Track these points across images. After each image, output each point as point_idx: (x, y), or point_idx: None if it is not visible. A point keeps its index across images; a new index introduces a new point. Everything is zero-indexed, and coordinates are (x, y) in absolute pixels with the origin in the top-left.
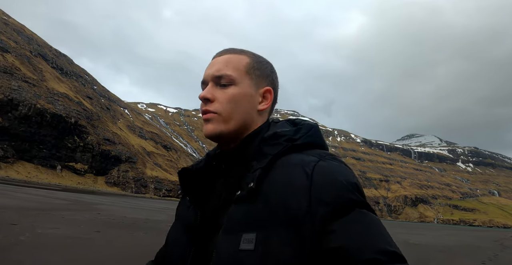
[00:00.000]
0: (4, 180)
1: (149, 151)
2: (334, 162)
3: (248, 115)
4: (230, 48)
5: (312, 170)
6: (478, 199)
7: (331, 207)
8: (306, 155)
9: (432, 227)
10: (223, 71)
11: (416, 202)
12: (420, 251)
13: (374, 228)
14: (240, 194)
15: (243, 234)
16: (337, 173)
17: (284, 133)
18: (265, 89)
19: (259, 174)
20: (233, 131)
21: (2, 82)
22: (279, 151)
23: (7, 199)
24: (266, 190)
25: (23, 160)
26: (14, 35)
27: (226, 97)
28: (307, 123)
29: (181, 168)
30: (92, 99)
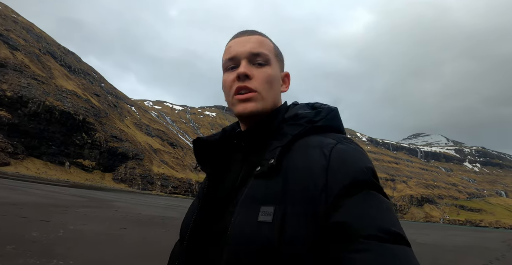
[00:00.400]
0: (15, 176)
1: (156, 148)
2: (352, 146)
3: (277, 96)
4: (254, 30)
5: (330, 151)
6: (485, 200)
7: (344, 186)
8: (325, 137)
9: (438, 227)
10: (260, 49)
11: (422, 202)
12: (429, 251)
13: (381, 209)
14: (260, 169)
15: (262, 207)
16: (353, 156)
17: (305, 115)
18: (285, 73)
19: (280, 151)
20: (268, 110)
21: (12, 79)
22: (300, 132)
23: (28, 195)
24: (286, 168)
25: (33, 156)
26: (24, 33)
27: (264, 76)
28: (328, 107)
29: (196, 137)
30: (100, 97)
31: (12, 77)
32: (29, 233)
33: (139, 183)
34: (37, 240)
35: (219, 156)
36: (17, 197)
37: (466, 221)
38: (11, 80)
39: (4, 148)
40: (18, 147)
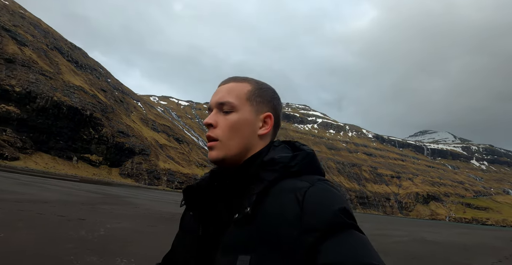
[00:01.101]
0: (24, 170)
1: (162, 143)
2: (324, 187)
3: (248, 140)
4: (234, 76)
5: (303, 196)
6: (492, 198)
7: (320, 233)
8: (299, 181)
9: (445, 225)
10: (225, 99)
11: (428, 200)
12: (441, 249)
13: (359, 245)
14: (238, 217)
15: (239, 256)
16: (325, 198)
17: (281, 160)
18: (265, 114)
19: (255, 199)
20: (234, 156)
21: (20, 75)
22: (275, 178)
23: (50, 192)
24: (261, 216)
25: (41, 151)
26: (31, 29)
27: (227, 123)
28: (304, 151)
29: (186, 186)
30: (106, 92)
31: (21, 73)
32: (77, 232)
33: (146, 178)
34: (89, 239)
35: (207, 198)
36: (42, 194)
37: (472, 219)
38: (20, 76)
39: (13, 143)
40: (27, 142)
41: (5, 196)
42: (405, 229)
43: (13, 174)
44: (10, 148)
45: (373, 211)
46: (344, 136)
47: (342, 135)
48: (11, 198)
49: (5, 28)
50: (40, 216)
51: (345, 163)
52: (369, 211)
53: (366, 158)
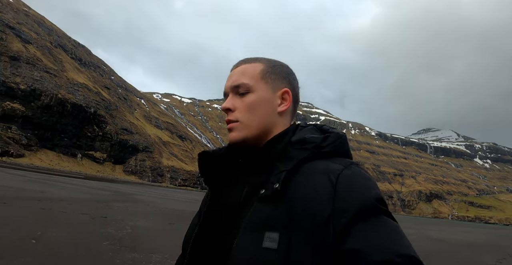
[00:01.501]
0: (29, 167)
1: (165, 141)
2: (358, 171)
3: (268, 119)
4: (245, 58)
5: (336, 178)
6: (495, 197)
7: (352, 215)
8: (332, 162)
9: (448, 223)
10: (239, 81)
11: (431, 198)
12: (447, 247)
13: (392, 233)
14: (265, 193)
15: (266, 232)
16: (359, 182)
17: (313, 140)
18: (283, 90)
19: (285, 176)
20: (256, 136)
21: (25, 72)
22: (306, 156)
23: (64, 190)
24: (291, 193)
25: (46, 148)
26: (35, 26)
27: (244, 105)
28: (336, 132)
29: (202, 151)
30: (110, 89)
31: (25, 70)
32: (106, 229)
33: (149, 175)
34: (120, 236)
35: (223, 172)
36: (57, 192)
37: (475, 217)
38: (24, 73)
39: (18, 140)
40: (32, 139)
41: (24, 195)
42: (410, 227)
43: (22, 172)
44: (15, 145)
45: None
46: (347, 134)
47: (345, 133)
48: (31, 197)
49: (9, 26)
50: (64, 214)
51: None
52: None
53: (369, 156)
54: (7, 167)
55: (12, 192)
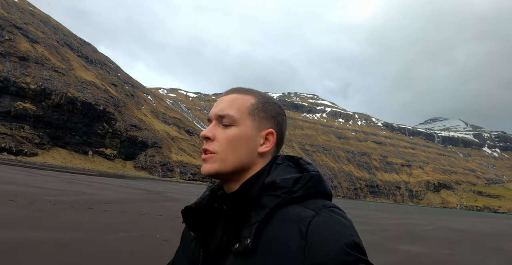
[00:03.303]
0: (44, 166)
1: (173, 136)
2: (330, 216)
3: (246, 157)
4: (238, 87)
5: (307, 228)
6: (504, 186)
7: None
8: (304, 208)
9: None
10: (225, 111)
11: (439, 188)
12: (467, 235)
13: None
14: (238, 248)
15: None
16: (331, 230)
17: (283, 184)
18: (268, 131)
19: (256, 229)
20: (230, 172)
21: (35, 72)
22: (277, 204)
23: (104, 191)
24: (263, 247)
25: (58, 146)
26: (41, 25)
27: (225, 137)
28: (308, 173)
29: (184, 206)
30: (117, 86)
31: (35, 70)
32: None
33: (159, 170)
34: None
35: (208, 218)
36: (103, 193)
37: (484, 207)
38: (34, 73)
39: (31, 139)
40: (44, 138)
41: (84, 198)
42: (425, 218)
43: (46, 171)
44: (28, 144)
45: (383, 200)
46: (353, 125)
47: (352, 124)
48: (93, 200)
49: (17, 26)
50: (143, 217)
51: (355, 152)
52: (379, 200)
53: (376, 147)
54: (27, 166)
55: (70, 196)
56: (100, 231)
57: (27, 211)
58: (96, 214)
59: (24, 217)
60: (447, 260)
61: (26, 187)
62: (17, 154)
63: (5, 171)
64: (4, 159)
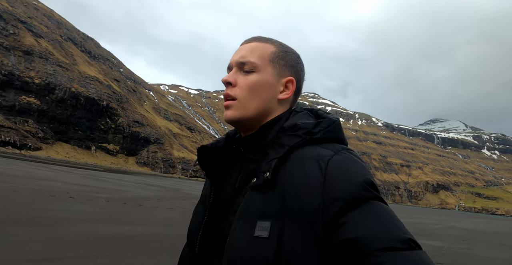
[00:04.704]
0: (49, 160)
1: (175, 132)
2: (349, 156)
3: (267, 103)
4: (258, 36)
5: (326, 164)
6: (503, 188)
7: (343, 203)
8: (322, 148)
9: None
10: (247, 58)
11: (438, 189)
12: (476, 234)
13: (388, 218)
14: (256, 182)
15: (258, 221)
16: (350, 168)
17: (304, 126)
18: (288, 79)
19: (275, 164)
20: (251, 118)
21: (39, 67)
22: (296, 143)
23: (140, 190)
24: (281, 182)
25: (61, 141)
26: (45, 20)
27: (246, 83)
28: (329, 118)
29: (201, 145)
30: (120, 82)
31: (39, 65)
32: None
33: (161, 166)
34: None
35: (223, 163)
36: (132, 190)
37: (482, 209)
38: (38, 67)
39: (35, 133)
40: (48, 132)
41: (118, 195)
42: (430, 218)
43: (56, 166)
44: (32, 138)
45: None
46: (353, 125)
47: (352, 124)
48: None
49: (21, 20)
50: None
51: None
52: None
53: (375, 147)
54: (35, 161)
55: (111, 193)
56: (172, 226)
57: (96, 208)
58: (151, 211)
59: (103, 213)
60: (466, 253)
61: (65, 184)
62: (21, 148)
63: (25, 166)
64: (8, 153)
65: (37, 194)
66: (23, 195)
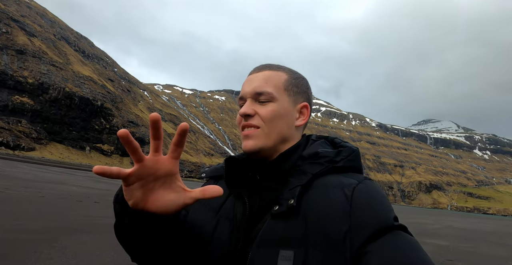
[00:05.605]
0: (43, 161)
1: (170, 133)
2: (373, 185)
3: (286, 131)
4: (268, 64)
5: (351, 193)
6: (494, 188)
7: (370, 231)
8: (345, 177)
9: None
10: (263, 88)
11: (430, 189)
12: (475, 233)
13: (413, 250)
14: (279, 209)
15: (280, 250)
16: (376, 197)
17: (326, 154)
18: (302, 104)
19: (300, 191)
20: (272, 147)
21: (32, 66)
22: (320, 171)
23: None
24: (305, 209)
25: (55, 141)
26: (38, 18)
27: (266, 113)
28: (349, 146)
29: (228, 156)
30: (114, 82)
31: (32, 64)
32: None
33: None
34: None
35: (243, 180)
36: None
37: (474, 208)
38: (32, 67)
39: (28, 133)
40: (41, 133)
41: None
42: (427, 218)
43: (55, 168)
44: (26, 138)
45: None
46: (347, 125)
47: (346, 124)
48: None
49: (14, 19)
50: None
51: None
52: None
53: (369, 147)
54: (30, 162)
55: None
56: None
57: None
58: None
59: None
60: (470, 251)
61: (80, 188)
62: (14, 149)
63: (29, 169)
64: (2, 154)
65: (64, 199)
66: (52, 202)
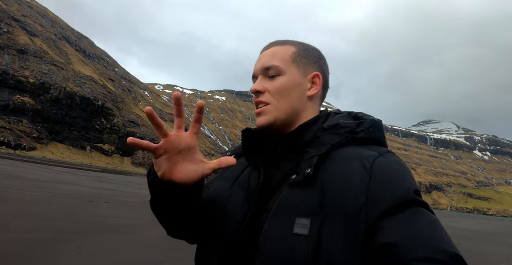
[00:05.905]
0: (43, 160)
1: None
2: (395, 159)
3: (298, 102)
4: (276, 40)
5: (371, 165)
6: (494, 188)
7: (389, 205)
8: (365, 149)
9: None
10: (270, 63)
11: (430, 189)
12: (478, 234)
13: (432, 227)
14: (296, 178)
15: (297, 218)
16: (395, 171)
17: (346, 125)
18: (313, 74)
19: (317, 161)
20: (284, 120)
21: (33, 65)
22: (339, 141)
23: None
24: (323, 179)
25: (56, 141)
26: (39, 18)
27: (275, 87)
28: (370, 118)
29: (246, 128)
30: (114, 81)
31: (33, 64)
32: None
33: None
34: None
35: (261, 151)
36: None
37: (473, 209)
38: (33, 67)
39: (29, 133)
40: (42, 132)
41: (145, 199)
42: None
43: (60, 168)
44: (27, 138)
45: None
46: None
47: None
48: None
49: (15, 18)
50: None
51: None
52: None
53: None
54: (32, 161)
55: (137, 197)
56: None
57: (140, 212)
58: None
59: (152, 217)
60: (474, 250)
61: (87, 188)
62: (15, 148)
63: (33, 169)
64: (3, 153)
65: (74, 200)
66: (64, 202)
